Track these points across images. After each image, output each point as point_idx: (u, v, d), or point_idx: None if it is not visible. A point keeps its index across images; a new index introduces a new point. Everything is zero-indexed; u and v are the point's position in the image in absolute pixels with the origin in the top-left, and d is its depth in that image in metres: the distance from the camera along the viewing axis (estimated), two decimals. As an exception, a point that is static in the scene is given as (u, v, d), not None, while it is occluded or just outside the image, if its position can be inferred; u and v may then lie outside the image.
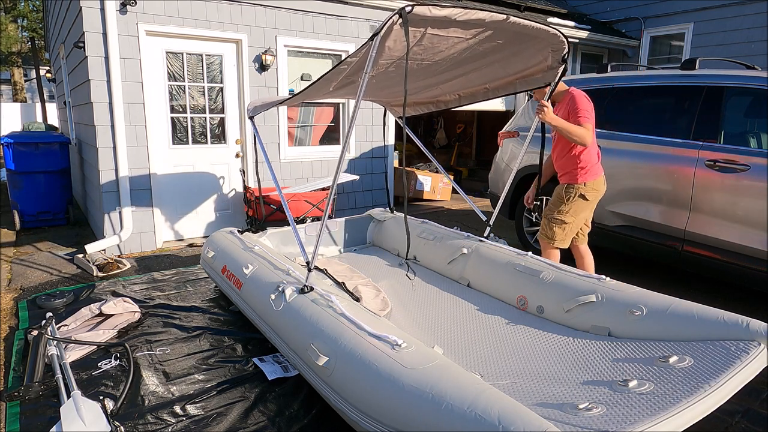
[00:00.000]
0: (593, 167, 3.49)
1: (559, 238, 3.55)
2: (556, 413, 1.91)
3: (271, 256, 3.26)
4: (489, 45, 2.81)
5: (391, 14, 2.21)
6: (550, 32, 2.81)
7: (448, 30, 2.51)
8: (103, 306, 3.45)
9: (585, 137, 3.29)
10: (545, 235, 3.60)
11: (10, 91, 23.31)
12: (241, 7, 5.43)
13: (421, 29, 2.42)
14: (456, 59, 3.00)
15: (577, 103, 3.33)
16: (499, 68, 3.23)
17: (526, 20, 2.63)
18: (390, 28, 2.25)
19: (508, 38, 2.77)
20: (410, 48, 2.47)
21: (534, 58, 3.10)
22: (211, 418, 2.44)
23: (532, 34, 2.77)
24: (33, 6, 19.81)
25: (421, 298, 3.33)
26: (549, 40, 2.90)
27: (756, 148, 3.63)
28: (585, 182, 3.47)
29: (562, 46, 2.96)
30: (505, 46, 2.89)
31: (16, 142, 5.93)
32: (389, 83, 3.43)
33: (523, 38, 2.83)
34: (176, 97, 5.37)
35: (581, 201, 3.50)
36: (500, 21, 2.51)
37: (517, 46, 2.92)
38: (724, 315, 2.30)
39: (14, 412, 2.49)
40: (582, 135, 3.28)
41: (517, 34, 2.75)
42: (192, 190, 5.57)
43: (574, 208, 3.49)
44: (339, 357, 2.12)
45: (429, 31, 2.45)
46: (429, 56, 2.79)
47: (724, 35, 8.15)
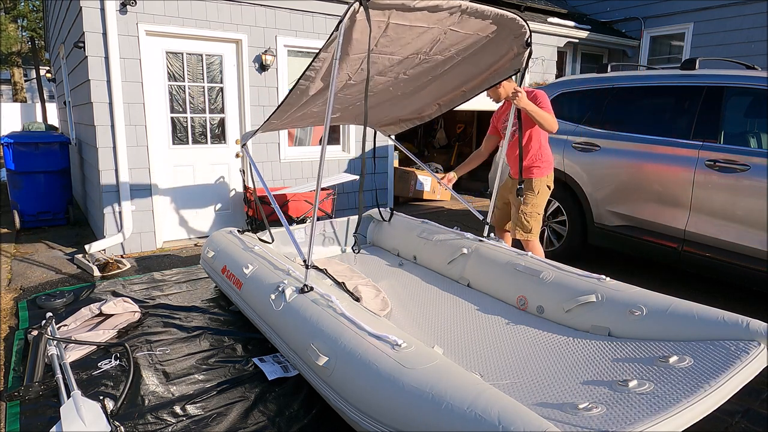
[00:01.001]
0: (549, 161, 3.80)
1: (536, 230, 3.79)
2: (556, 413, 1.91)
3: (271, 256, 3.26)
4: (455, 37, 2.93)
5: (353, 2, 2.32)
6: (508, 17, 2.90)
7: (410, 18, 2.61)
8: (103, 306, 3.45)
9: (553, 123, 3.52)
10: (525, 230, 3.77)
11: (10, 91, 23.31)
12: (241, 7, 5.43)
13: (384, 19, 2.54)
14: (427, 61, 3.13)
15: (539, 98, 3.56)
16: (470, 66, 3.34)
17: (483, 5, 2.76)
18: (353, 16, 2.37)
19: (471, 27, 2.88)
20: (377, 39, 2.65)
21: (500, 49, 3.20)
22: (211, 418, 2.44)
23: (493, 19, 2.87)
24: (33, 6, 19.81)
25: (421, 298, 3.33)
26: (509, 26, 3.00)
27: (756, 148, 3.63)
28: (547, 175, 3.79)
29: (523, 30, 3.05)
30: (470, 39, 3.01)
31: (16, 142, 5.93)
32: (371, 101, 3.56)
33: (486, 28, 2.94)
34: (176, 97, 5.37)
35: (546, 191, 3.81)
36: (456, 7, 2.63)
37: (481, 38, 3.04)
38: (724, 315, 2.30)
39: (14, 412, 2.50)
40: (550, 120, 3.50)
41: (479, 23, 2.87)
42: (192, 190, 5.57)
43: (542, 198, 3.79)
44: (339, 357, 2.12)
45: (392, 20, 2.56)
46: (397, 49, 2.89)
47: (724, 35, 8.15)
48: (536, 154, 3.73)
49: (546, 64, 8.29)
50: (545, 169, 3.76)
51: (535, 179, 3.74)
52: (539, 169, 3.74)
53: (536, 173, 3.74)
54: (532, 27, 8.32)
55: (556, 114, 5.00)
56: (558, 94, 5.07)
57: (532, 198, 3.75)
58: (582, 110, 4.80)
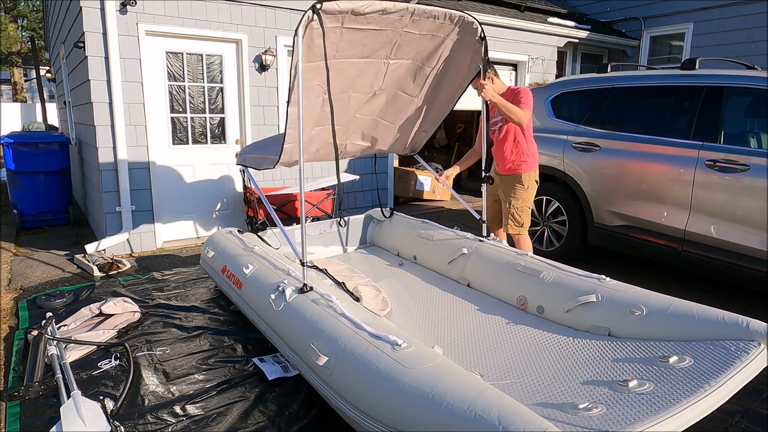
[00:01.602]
0: (535, 157, 3.89)
1: (527, 224, 3.91)
2: (556, 413, 1.91)
3: (271, 256, 3.26)
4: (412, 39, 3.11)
5: (305, 11, 2.50)
6: (457, 15, 3.07)
7: (363, 22, 2.78)
8: (103, 306, 3.45)
9: (521, 116, 3.56)
10: (517, 225, 3.87)
11: (10, 91, 23.31)
12: (241, 7, 5.43)
13: (338, 24, 2.70)
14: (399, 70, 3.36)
15: (521, 93, 3.65)
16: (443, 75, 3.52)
17: (429, 6, 2.93)
18: (307, 24, 2.54)
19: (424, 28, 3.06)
20: (336, 44, 2.84)
21: (462, 52, 3.35)
22: (211, 418, 2.44)
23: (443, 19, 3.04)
24: (33, 6, 19.81)
25: (421, 298, 3.33)
26: (460, 24, 3.15)
27: (756, 148, 3.63)
28: (534, 170, 3.88)
29: (474, 26, 3.20)
30: (429, 43, 3.20)
31: (16, 142, 5.93)
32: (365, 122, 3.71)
33: (439, 28, 3.12)
34: (176, 97, 5.37)
35: (535, 185, 3.90)
36: (404, 9, 2.80)
37: (439, 41, 3.22)
38: (724, 315, 2.30)
39: (14, 412, 2.50)
40: (519, 113, 3.55)
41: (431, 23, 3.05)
42: (192, 190, 5.57)
43: (531, 193, 3.89)
44: (339, 357, 2.12)
45: (346, 24, 2.73)
46: (357, 52, 3.04)
47: (724, 35, 8.15)
48: (523, 150, 3.80)
49: (546, 64, 8.29)
50: (532, 164, 3.85)
51: (524, 174, 3.82)
52: (527, 164, 3.81)
53: (524, 168, 3.81)
54: (532, 27, 8.30)
55: (556, 114, 5.03)
56: (558, 94, 5.07)
57: (522, 193, 3.83)
58: (582, 110, 4.80)
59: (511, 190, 3.86)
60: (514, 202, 3.84)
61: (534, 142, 3.90)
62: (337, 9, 2.59)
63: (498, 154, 3.93)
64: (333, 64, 2.99)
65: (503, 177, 3.93)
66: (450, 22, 3.11)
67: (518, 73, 8.18)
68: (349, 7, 2.62)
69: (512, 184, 3.86)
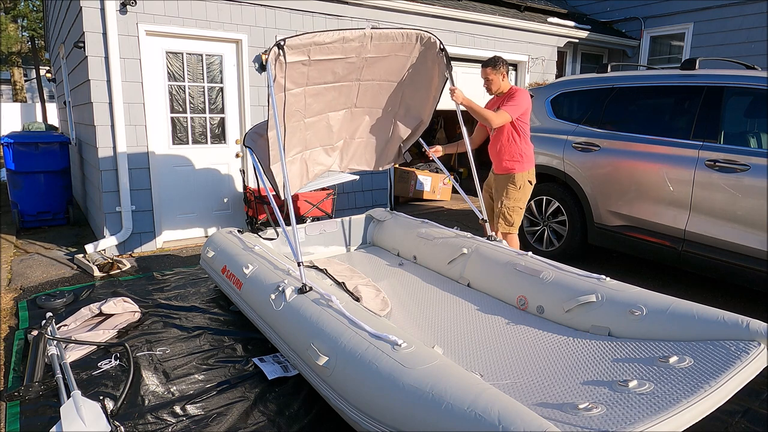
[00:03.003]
0: (530, 158, 3.93)
1: (518, 223, 3.97)
2: (556, 413, 1.91)
3: (271, 256, 3.26)
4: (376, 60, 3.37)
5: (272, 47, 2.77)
6: (412, 34, 3.29)
7: (327, 52, 3.05)
8: (103, 306, 3.45)
9: (492, 119, 3.68)
10: (508, 224, 3.96)
11: (10, 91, 23.31)
12: (241, 7, 5.43)
13: (305, 57, 2.97)
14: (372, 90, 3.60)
15: (513, 95, 3.76)
16: (415, 91, 3.74)
17: (385, 29, 3.21)
18: (275, 59, 2.80)
19: (386, 50, 3.31)
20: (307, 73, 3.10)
21: (425, 65, 3.54)
22: (211, 418, 2.44)
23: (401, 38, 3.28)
24: (33, 6, 19.81)
25: (421, 298, 3.33)
26: (418, 41, 3.37)
27: (756, 148, 3.63)
28: (528, 170, 3.92)
29: (431, 40, 3.38)
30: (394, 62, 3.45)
31: (16, 142, 5.93)
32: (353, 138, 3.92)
33: (400, 47, 3.35)
34: (176, 97, 5.37)
35: (529, 186, 3.95)
36: (362, 35, 3.10)
37: (403, 59, 3.46)
38: (724, 315, 2.30)
39: (14, 412, 2.50)
40: (489, 117, 3.68)
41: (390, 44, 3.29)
42: (192, 190, 5.57)
43: (524, 193, 3.94)
44: (339, 357, 2.12)
45: (312, 56, 3.00)
46: (328, 78, 3.30)
47: (725, 35, 8.15)
48: (516, 150, 3.86)
49: (546, 64, 8.29)
50: (526, 164, 3.89)
51: (516, 174, 3.89)
52: (520, 164, 3.88)
53: (517, 168, 3.89)
54: (532, 27, 8.30)
55: (556, 114, 5.04)
56: (558, 94, 5.07)
57: (515, 192, 3.91)
58: (582, 110, 4.80)
59: (503, 190, 3.95)
60: (505, 202, 3.92)
61: (530, 143, 3.93)
62: (300, 43, 2.85)
63: (492, 153, 4.00)
64: (308, 90, 3.29)
65: (497, 176, 4.01)
66: (409, 41, 3.34)
67: (518, 73, 8.18)
68: (310, 40, 2.88)
69: (505, 184, 3.94)
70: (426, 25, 6.79)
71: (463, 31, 7.18)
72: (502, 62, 3.84)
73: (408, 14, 6.60)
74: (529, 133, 3.92)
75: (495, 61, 3.84)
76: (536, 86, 5.97)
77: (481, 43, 7.43)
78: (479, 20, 7.23)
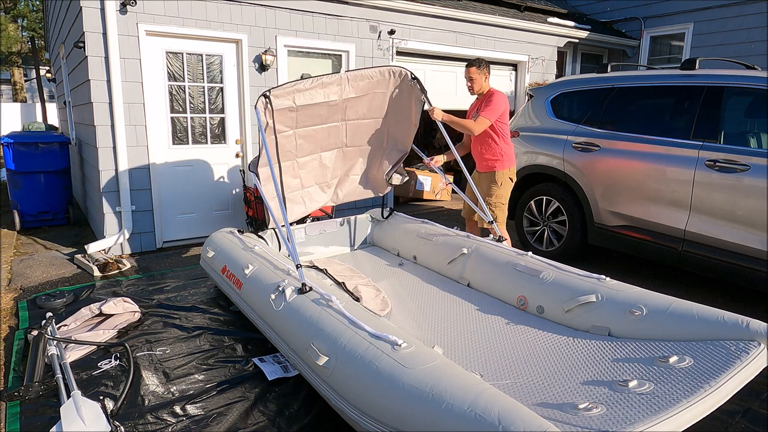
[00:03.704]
0: (510, 156, 4.15)
1: (501, 218, 4.17)
2: (556, 413, 1.91)
3: (271, 256, 3.26)
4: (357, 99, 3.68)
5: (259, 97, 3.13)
6: (384, 70, 3.61)
7: (309, 97, 3.38)
8: (103, 306, 3.45)
9: (472, 128, 3.95)
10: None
11: (10, 91, 23.31)
12: (241, 7, 5.43)
13: (291, 103, 3.30)
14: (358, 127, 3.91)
15: (491, 100, 3.96)
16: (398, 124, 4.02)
17: (360, 70, 3.53)
18: (263, 108, 3.16)
19: (363, 89, 3.62)
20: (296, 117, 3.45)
21: (403, 95, 3.82)
22: (211, 418, 2.44)
23: (376, 76, 3.60)
24: (33, 6, 19.81)
25: (421, 298, 3.33)
26: (392, 75, 3.66)
27: (756, 148, 3.63)
28: (508, 168, 4.14)
29: (402, 72, 3.68)
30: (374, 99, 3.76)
31: (16, 142, 5.93)
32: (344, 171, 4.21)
33: (377, 84, 3.66)
34: (176, 97, 5.37)
35: (510, 183, 4.18)
36: (338, 78, 3.45)
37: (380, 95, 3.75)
38: (724, 315, 2.30)
39: (14, 412, 2.50)
40: (470, 127, 3.95)
41: (368, 83, 3.60)
42: (192, 190, 5.57)
43: (505, 190, 4.16)
44: (339, 357, 2.12)
45: (297, 102, 3.34)
46: (315, 121, 3.63)
47: (725, 35, 8.15)
48: (496, 150, 4.09)
49: (546, 64, 8.29)
50: (506, 162, 4.12)
51: (497, 172, 4.12)
52: (500, 162, 4.11)
53: (498, 166, 4.12)
54: (532, 27, 8.30)
55: (556, 114, 5.04)
56: (558, 94, 5.07)
57: (496, 189, 4.14)
58: (582, 110, 4.80)
59: (486, 188, 4.18)
60: (488, 199, 4.15)
61: (510, 142, 4.16)
62: (284, 91, 3.23)
63: (475, 153, 4.25)
64: (298, 132, 3.61)
65: (480, 174, 4.25)
66: (383, 77, 3.65)
67: (518, 73, 8.18)
68: (292, 88, 3.25)
69: (488, 182, 4.17)
70: (426, 25, 6.80)
71: (463, 31, 7.18)
72: (485, 63, 4.07)
73: (408, 14, 6.60)
74: (508, 134, 4.15)
75: (479, 61, 4.05)
76: (536, 86, 5.97)
77: (481, 43, 7.43)
78: (479, 20, 7.23)
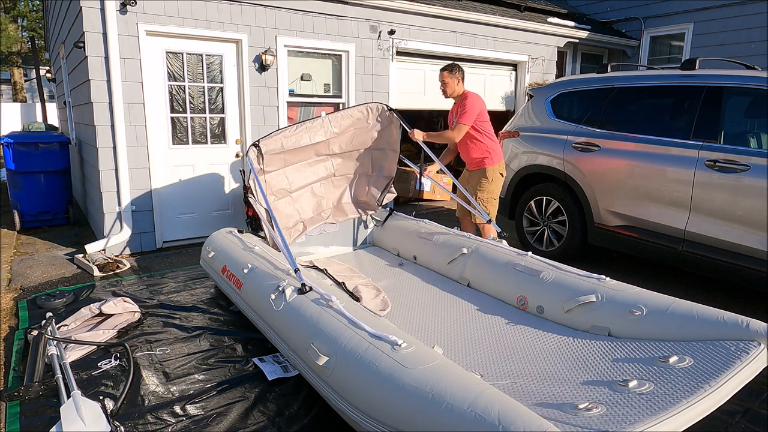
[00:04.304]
0: (497, 152, 4.29)
1: (493, 213, 4.32)
2: (556, 413, 1.91)
3: (271, 256, 3.25)
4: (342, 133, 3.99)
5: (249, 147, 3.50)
6: (362, 108, 3.95)
7: (297, 143, 3.73)
8: (103, 306, 3.45)
9: (452, 137, 4.17)
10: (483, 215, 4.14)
11: (10, 91, 23.30)
12: (241, 7, 5.43)
13: (280, 148, 3.65)
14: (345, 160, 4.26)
15: (465, 105, 4.12)
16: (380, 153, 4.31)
17: (340, 111, 3.86)
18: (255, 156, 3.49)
19: (346, 125, 3.93)
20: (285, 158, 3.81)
21: (382, 126, 4.11)
22: (211, 418, 2.44)
23: (355, 113, 3.93)
24: (33, 6, 19.81)
25: (421, 298, 3.33)
26: (370, 111, 3.98)
27: (756, 148, 3.63)
28: (498, 163, 4.28)
29: (378, 106, 4.02)
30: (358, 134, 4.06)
31: (16, 142, 5.93)
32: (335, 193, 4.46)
33: (357, 121, 3.97)
34: (176, 97, 5.37)
35: (500, 178, 4.33)
36: (321, 120, 3.78)
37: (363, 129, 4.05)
38: (724, 315, 2.30)
39: (14, 412, 2.50)
40: (449, 137, 4.18)
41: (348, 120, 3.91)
42: (192, 190, 5.57)
43: (496, 185, 4.30)
44: (339, 357, 2.12)
45: (286, 146, 3.68)
46: (304, 158, 3.99)
47: (725, 35, 8.15)
48: (483, 147, 4.22)
49: (546, 64, 8.29)
50: (495, 158, 4.25)
51: (488, 168, 4.25)
52: (489, 158, 4.24)
53: (488, 163, 4.24)
54: (532, 27, 8.29)
55: (556, 114, 5.05)
56: (558, 94, 5.07)
57: (487, 185, 4.27)
58: (582, 110, 4.80)
59: (477, 183, 4.29)
60: (480, 194, 4.27)
61: (494, 138, 4.30)
62: (272, 139, 3.57)
63: (464, 154, 4.38)
64: (287, 169, 3.97)
65: (471, 172, 4.37)
66: (362, 113, 3.96)
67: (518, 73, 8.18)
68: (280, 135, 3.61)
69: (478, 178, 4.28)
70: (426, 25, 6.80)
71: (463, 31, 7.18)
72: (457, 68, 4.23)
73: (408, 14, 6.60)
74: (490, 130, 4.25)
75: (452, 66, 4.23)
76: (536, 86, 5.97)
77: (481, 43, 7.43)
78: (479, 20, 7.23)
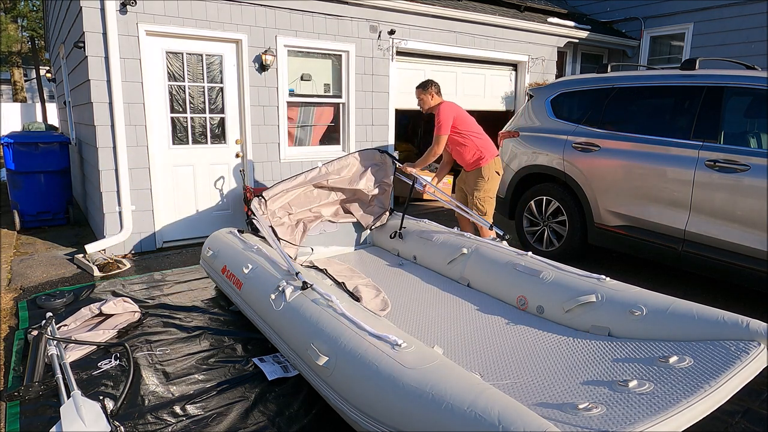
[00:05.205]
0: (489, 148, 4.37)
1: (490, 212, 4.41)
2: (556, 413, 1.91)
3: (271, 256, 3.25)
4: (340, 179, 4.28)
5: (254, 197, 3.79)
6: (356, 153, 4.30)
7: (297, 187, 4.08)
8: (103, 306, 3.45)
9: (435, 152, 4.33)
10: (481, 213, 4.34)
11: (10, 91, 23.30)
12: (241, 7, 5.43)
13: (281, 197, 4.01)
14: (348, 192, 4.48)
15: (439, 117, 4.28)
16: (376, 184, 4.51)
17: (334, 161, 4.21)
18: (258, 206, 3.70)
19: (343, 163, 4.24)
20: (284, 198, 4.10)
21: (375, 165, 4.43)
22: (211, 418, 2.44)
23: (352, 157, 4.30)
24: (33, 6, 19.81)
25: (421, 298, 3.33)
26: (363, 155, 4.32)
27: (756, 148, 3.63)
28: (492, 159, 4.36)
29: (369, 150, 4.37)
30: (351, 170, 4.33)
31: (16, 142, 5.93)
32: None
33: (353, 166, 4.30)
34: (176, 97, 5.37)
35: (496, 176, 4.42)
36: (317, 169, 4.15)
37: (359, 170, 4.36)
38: (724, 315, 2.30)
39: (14, 412, 2.50)
40: (433, 154, 4.34)
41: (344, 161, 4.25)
42: (192, 190, 5.57)
43: (492, 183, 4.40)
44: (339, 357, 2.12)
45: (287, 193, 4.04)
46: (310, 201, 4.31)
47: (725, 35, 8.15)
48: (474, 149, 4.34)
49: (546, 64, 8.29)
50: (488, 156, 4.35)
51: (483, 167, 4.34)
52: (484, 159, 4.34)
53: (483, 162, 4.34)
54: (532, 27, 8.29)
55: (556, 114, 5.05)
56: (558, 94, 5.07)
57: (484, 184, 4.36)
58: (582, 110, 4.80)
59: (474, 183, 4.38)
60: (476, 193, 4.36)
61: (482, 136, 4.36)
62: (275, 192, 3.91)
63: (458, 159, 4.51)
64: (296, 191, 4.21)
65: (467, 173, 4.47)
66: (356, 159, 4.30)
67: (518, 73, 8.18)
68: (282, 188, 3.94)
69: (475, 178, 4.37)
70: (426, 25, 6.80)
71: (463, 31, 7.18)
72: (431, 84, 4.40)
73: (408, 14, 6.60)
74: (477, 129, 4.36)
75: (424, 84, 4.41)
76: (536, 86, 5.97)
77: (481, 43, 7.43)
78: (479, 20, 7.23)
